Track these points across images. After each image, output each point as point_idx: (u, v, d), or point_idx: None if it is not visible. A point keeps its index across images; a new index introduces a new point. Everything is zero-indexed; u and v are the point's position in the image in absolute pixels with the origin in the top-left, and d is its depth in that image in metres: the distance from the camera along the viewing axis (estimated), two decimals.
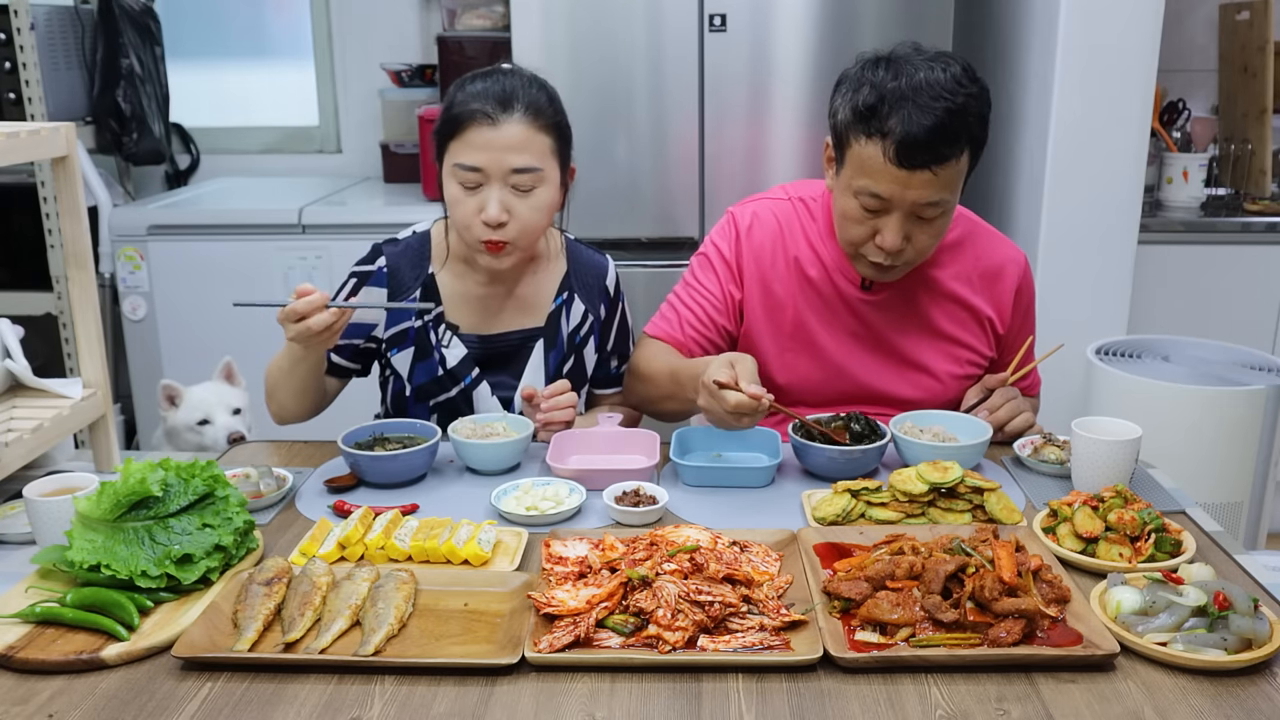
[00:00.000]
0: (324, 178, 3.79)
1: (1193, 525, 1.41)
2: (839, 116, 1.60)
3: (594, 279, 1.86)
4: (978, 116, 1.56)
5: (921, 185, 1.54)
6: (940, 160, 1.53)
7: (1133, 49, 2.67)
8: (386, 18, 3.72)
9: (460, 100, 1.65)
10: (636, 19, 2.80)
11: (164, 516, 1.24)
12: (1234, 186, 3.40)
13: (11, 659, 1.10)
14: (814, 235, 1.78)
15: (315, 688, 1.06)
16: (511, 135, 1.62)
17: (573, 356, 1.83)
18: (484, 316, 1.79)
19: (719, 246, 1.81)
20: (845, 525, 1.39)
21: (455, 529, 1.33)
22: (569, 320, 1.82)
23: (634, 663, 1.08)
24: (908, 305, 1.77)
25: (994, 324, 1.80)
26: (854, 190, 1.60)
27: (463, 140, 1.63)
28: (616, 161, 2.90)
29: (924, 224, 1.61)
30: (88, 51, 3.38)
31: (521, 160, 1.63)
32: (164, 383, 2.30)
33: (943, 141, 1.52)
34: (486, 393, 1.78)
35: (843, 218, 1.65)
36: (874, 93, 1.53)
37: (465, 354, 1.77)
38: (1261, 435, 2.33)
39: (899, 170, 1.53)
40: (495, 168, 1.62)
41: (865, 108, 1.54)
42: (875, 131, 1.53)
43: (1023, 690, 1.05)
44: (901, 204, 1.57)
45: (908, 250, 1.63)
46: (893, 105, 1.51)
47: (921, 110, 1.50)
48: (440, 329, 1.76)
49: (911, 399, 1.78)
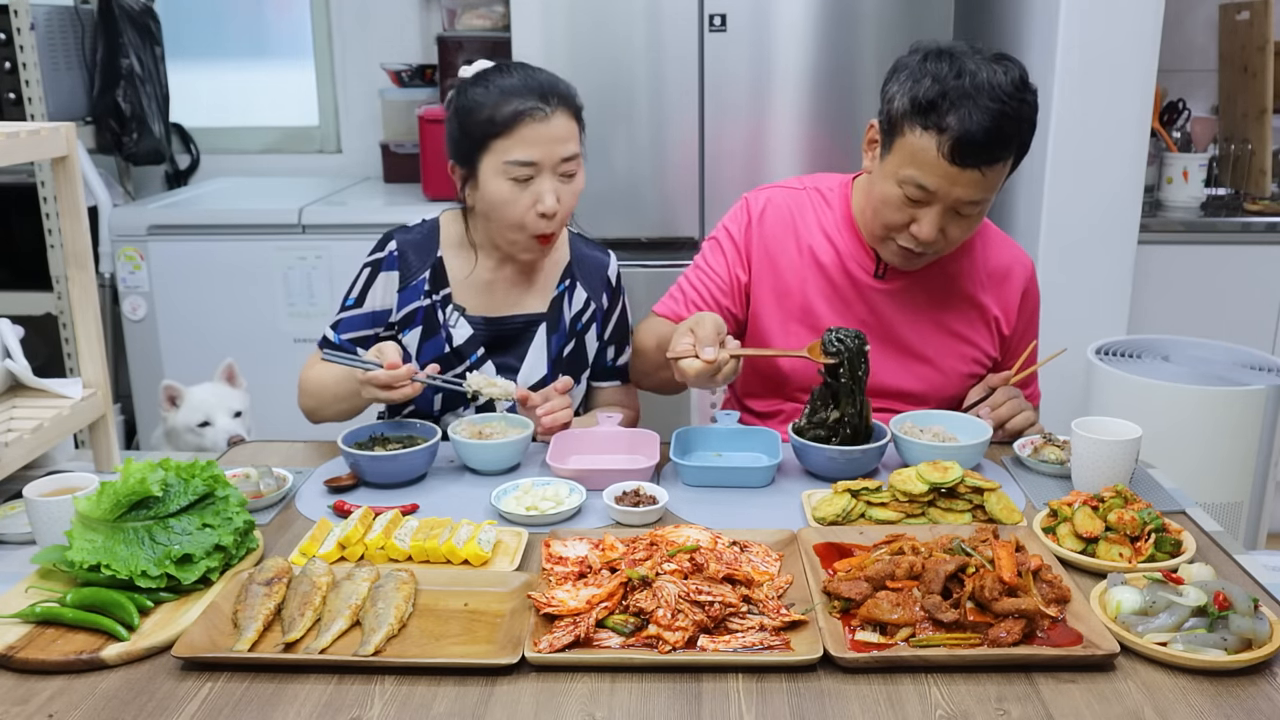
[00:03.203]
0: (324, 178, 3.79)
1: (1193, 525, 1.41)
2: (895, 104, 1.60)
3: (597, 270, 1.90)
4: (1030, 123, 1.58)
5: (969, 184, 1.57)
6: (991, 162, 1.55)
7: (1133, 49, 2.67)
8: (386, 18, 3.72)
9: (493, 100, 1.66)
10: (636, 19, 2.80)
11: (164, 516, 1.24)
12: (1234, 186, 3.40)
13: (11, 659, 1.10)
14: (829, 223, 1.79)
15: (315, 688, 1.06)
16: (560, 127, 1.68)
17: (574, 341, 1.86)
18: (490, 300, 1.82)
19: (730, 230, 1.84)
20: (845, 525, 1.39)
21: (455, 529, 1.33)
22: (571, 306, 1.85)
23: (634, 663, 1.08)
24: (918, 298, 1.78)
25: (1000, 324, 1.81)
26: (899, 179, 1.61)
27: (515, 137, 1.66)
28: (616, 162, 2.90)
29: (960, 219, 1.63)
30: (88, 51, 3.38)
31: (569, 149, 1.69)
32: (165, 383, 2.30)
33: (997, 144, 1.54)
34: (491, 372, 1.80)
35: (881, 202, 1.66)
36: (936, 86, 1.54)
37: (471, 333, 1.79)
38: (1261, 435, 2.33)
39: (950, 167, 1.55)
40: (549, 159, 1.67)
41: (926, 100, 1.55)
42: (933, 125, 1.54)
43: (1023, 690, 1.05)
44: (946, 199, 1.59)
45: (939, 242, 1.65)
46: (954, 102, 1.53)
47: (981, 111, 1.52)
48: (448, 309, 1.79)
49: (916, 392, 1.79)
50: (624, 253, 2.92)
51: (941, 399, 1.80)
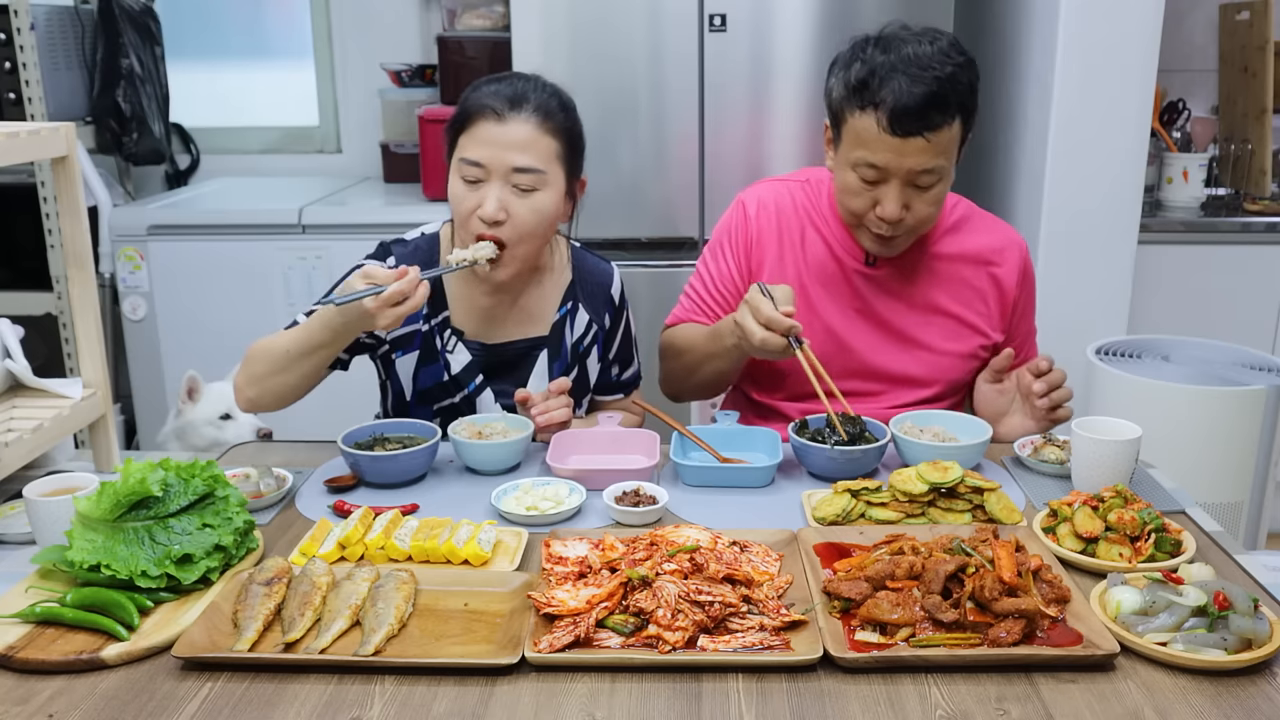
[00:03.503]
0: (324, 178, 3.79)
1: (1193, 525, 1.41)
2: (834, 94, 1.67)
3: (599, 288, 1.86)
4: (967, 85, 1.61)
5: (916, 152, 1.59)
6: (932, 127, 1.58)
7: (1133, 49, 2.67)
8: (386, 18, 3.72)
9: (473, 98, 1.67)
10: (636, 19, 2.80)
11: (164, 516, 1.24)
12: (1234, 186, 3.40)
13: (11, 659, 1.10)
14: (818, 214, 1.82)
15: (315, 688, 1.06)
16: (517, 134, 1.64)
17: (576, 367, 1.83)
18: (488, 325, 1.79)
19: (728, 231, 1.87)
20: (845, 525, 1.39)
21: (455, 529, 1.32)
22: (573, 330, 1.83)
23: (634, 663, 1.08)
24: (910, 282, 1.80)
25: (998, 302, 1.82)
26: (851, 163, 1.65)
27: (470, 135, 1.65)
28: (617, 162, 2.90)
29: (921, 192, 1.65)
30: (88, 51, 3.38)
31: (524, 160, 1.64)
32: (190, 374, 2.28)
33: (934, 108, 1.57)
34: (490, 399, 1.79)
35: (843, 191, 1.71)
36: (865, 67, 1.61)
37: (470, 360, 1.77)
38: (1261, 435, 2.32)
39: (893, 138, 1.58)
40: (497, 164, 1.63)
41: (858, 81, 1.61)
42: (868, 103, 1.59)
43: (1023, 690, 1.05)
44: (898, 172, 1.62)
45: (908, 219, 1.67)
46: (883, 78, 1.58)
47: (912, 80, 1.57)
48: (446, 334, 1.76)
49: (916, 376, 1.81)
50: (624, 253, 2.94)
51: (943, 382, 1.82)
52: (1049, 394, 1.68)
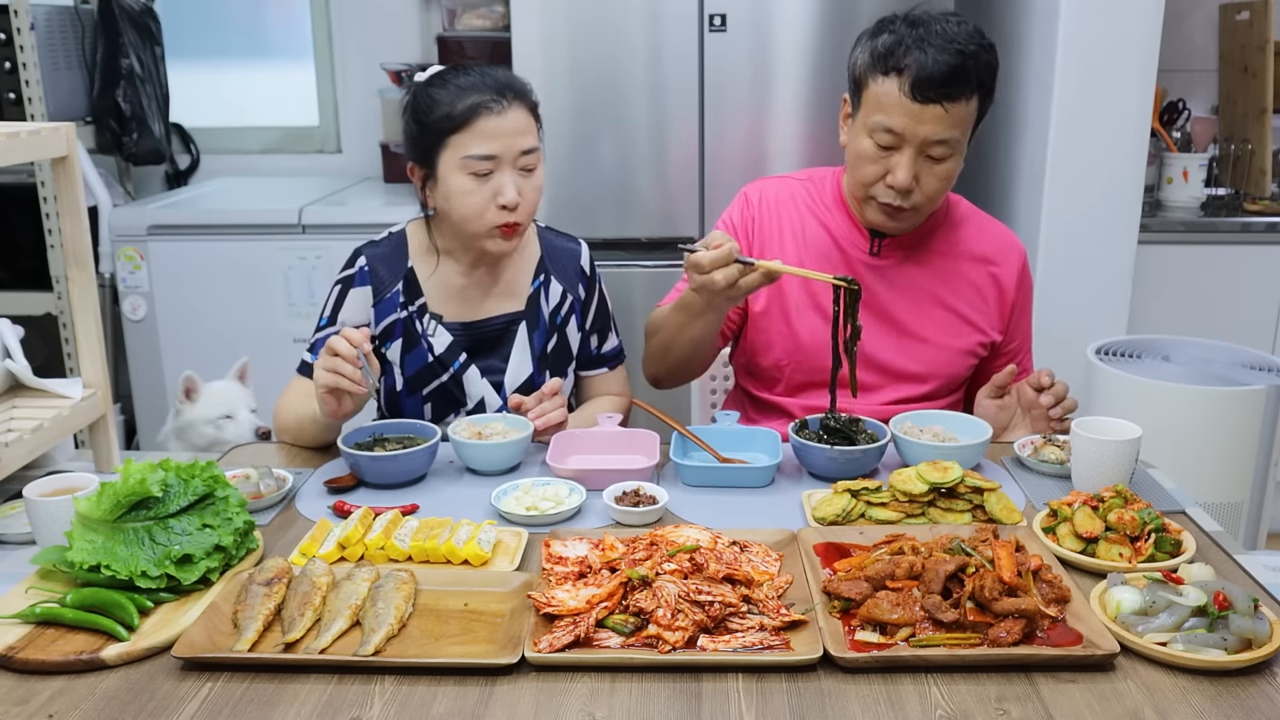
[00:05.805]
0: (324, 178, 3.79)
1: (1193, 525, 1.41)
2: (858, 62, 1.70)
3: (569, 261, 1.90)
4: (988, 66, 1.66)
5: (933, 120, 1.63)
6: (952, 97, 1.62)
7: (1133, 49, 2.67)
8: (386, 18, 3.72)
9: (450, 97, 1.68)
10: (636, 19, 2.80)
11: (164, 517, 1.24)
12: (1234, 186, 3.40)
13: (11, 659, 1.10)
14: (821, 206, 1.85)
15: (315, 688, 1.06)
16: (516, 120, 1.70)
17: (555, 336, 1.86)
18: (465, 305, 1.82)
19: (731, 220, 1.89)
20: (845, 525, 1.39)
21: (455, 529, 1.33)
22: (548, 301, 1.86)
23: (634, 663, 1.08)
24: (914, 276, 1.82)
25: (997, 302, 1.84)
26: (869, 128, 1.68)
27: (472, 132, 1.67)
28: (616, 162, 2.90)
29: (932, 164, 1.68)
30: (88, 51, 3.38)
31: (527, 142, 1.71)
32: (186, 374, 2.28)
33: (956, 79, 1.61)
34: (476, 376, 1.81)
35: (856, 158, 1.73)
36: (893, 37, 1.65)
37: (451, 340, 1.80)
38: (1261, 435, 2.32)
39: (912, 104, 1.62)
40: (507, 152, 1.69)
41: (885, 49, 1.65)
42: (892, 69, 1.63)
43: (1023, 690, 1.05)
44: (914, 139, 1.65)
45: (916, 193, 1.69)
46: (909, 47, 1.62)
47: (938, 49, 1.61)
48: (425, 319, 1.79)
49: (915, 372, 1.82)
50: (623, 253, 2.94)
51: (941, 378, 1.82)
52: (1056, 405, 1.69)
